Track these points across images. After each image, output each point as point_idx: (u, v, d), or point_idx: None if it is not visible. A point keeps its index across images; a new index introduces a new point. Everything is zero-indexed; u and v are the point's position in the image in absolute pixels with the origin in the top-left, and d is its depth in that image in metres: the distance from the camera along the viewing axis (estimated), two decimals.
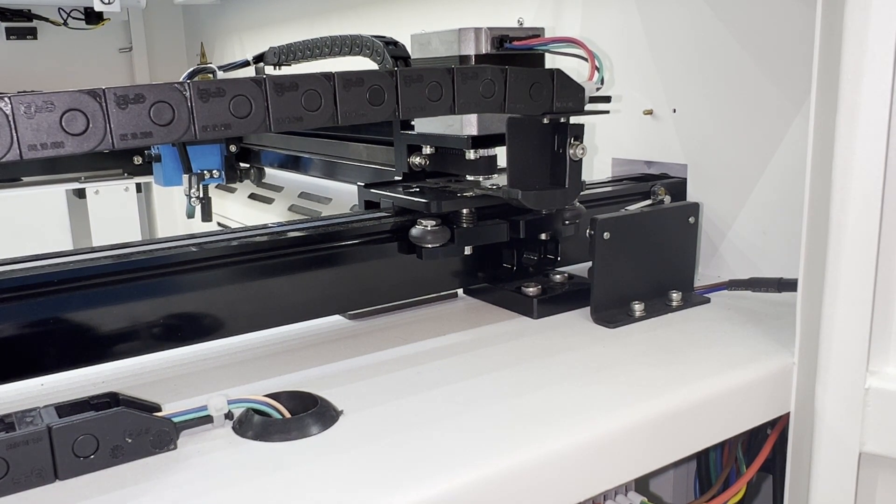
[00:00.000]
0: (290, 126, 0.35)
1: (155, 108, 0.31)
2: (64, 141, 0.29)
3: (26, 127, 0.29)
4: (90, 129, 0.30)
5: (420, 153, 0.58)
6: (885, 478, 0.43)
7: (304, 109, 0.35)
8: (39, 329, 0.41)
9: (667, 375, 0.43)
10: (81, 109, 0.30)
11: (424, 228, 0.51)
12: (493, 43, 0.50)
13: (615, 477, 0.39)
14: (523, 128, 0.49)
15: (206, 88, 0.32)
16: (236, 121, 0.33)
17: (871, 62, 0.38)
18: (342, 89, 0.36)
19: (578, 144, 0.49)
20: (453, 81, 0.40)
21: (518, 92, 0.44)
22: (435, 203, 0.51)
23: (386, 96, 0.38)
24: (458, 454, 0.35)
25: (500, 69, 0.43)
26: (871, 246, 0.40)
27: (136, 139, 0.31)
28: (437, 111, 0.40)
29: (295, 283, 0.49)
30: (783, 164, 0.57)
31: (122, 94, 0.30)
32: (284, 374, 0.44)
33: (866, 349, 0.41)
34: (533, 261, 0.59)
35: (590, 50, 0.49)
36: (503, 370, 0.44)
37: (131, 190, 1.54)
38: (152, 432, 0.35)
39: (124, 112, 0.30)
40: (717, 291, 0.56)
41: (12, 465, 0.31)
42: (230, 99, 0.33)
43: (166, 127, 0.31)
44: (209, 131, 0.32)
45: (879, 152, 0.39)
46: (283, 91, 0.34)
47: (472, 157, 0.53)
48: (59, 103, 0.29)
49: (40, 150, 0.29)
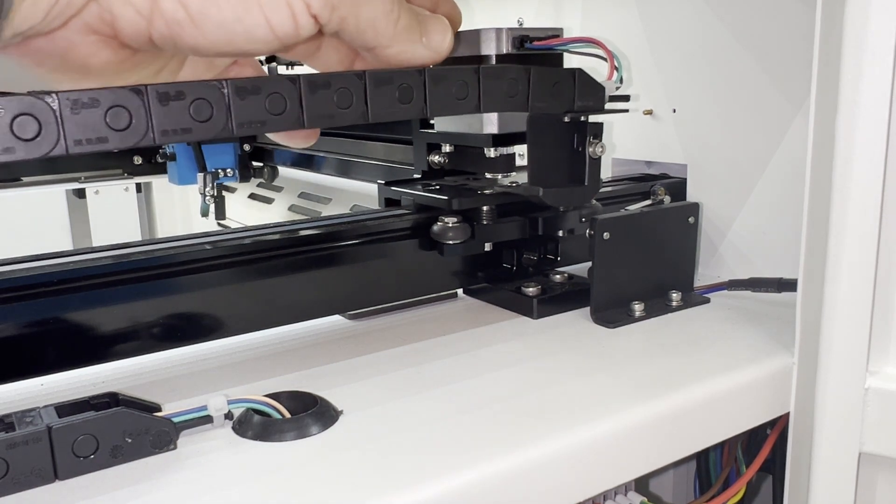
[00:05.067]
0: (322, 123, 0.36)
1: (195, 105, 0.31)
2: (108, 136, 0.30)
3: (72, 122, 0.29)
4: (133, 125, 0.30)
5: (439, 151, 0.59)
6: (885, 478, 0.43)
7: (336, 107, 0.36)
8: (39, 329, 0.41)
9: (667, 375, 0.43)
10: (125, 106, 0.30)
11: (445, 225, 0.52)
12: (513, 43, 0.51)
13: (615, 477, 0.39)
14: (544, 126, 0.50)
15: (243, 86, 0.32)
16: (271, 118, 0.33)
17: (871, 62, 0.38)
18: (373, 87, 0.37)
19: (598, 142, 0.50)
20: (479, 80, 0.41)
21: (541, 91, 0.44)
22: (456, 200, 0.52)
23: (415, 95, 0.38)
24: (458, 454, 0.35)
25: (523, 69, 0.43)
26: (871, 246, 0.40)
27: (177, 135, 0.31)
28: (464, 109, 0.41)
29: (303, 282, 0.49)
30: (783, 164, 0.57)
31: (164, 91, 0.31)
32: (284, 374, 0.44)
33: (866, 349, 0.41)
34: (533, 261, 0.59)
35: (609, 50, 0.49)
36: (503, 370, 0.44)
37: (131, 190, 1.54)
38: (152, 432, 0.35)
39: (165, 108, 0.31)
40: (717, 291, 0.56)
41: (12, 465, 0.31)
42: (266, 96, 0.33)
43: (204, 123, 0.32)
44: (245, 128, 0.33)
45: (879, 152, 0.39)
46: (317, 89, 0.35)
47: (491, 154, 0.54)
48: (103, 100, 0.29)
49: (85, 145, 0.29)
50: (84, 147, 0.30)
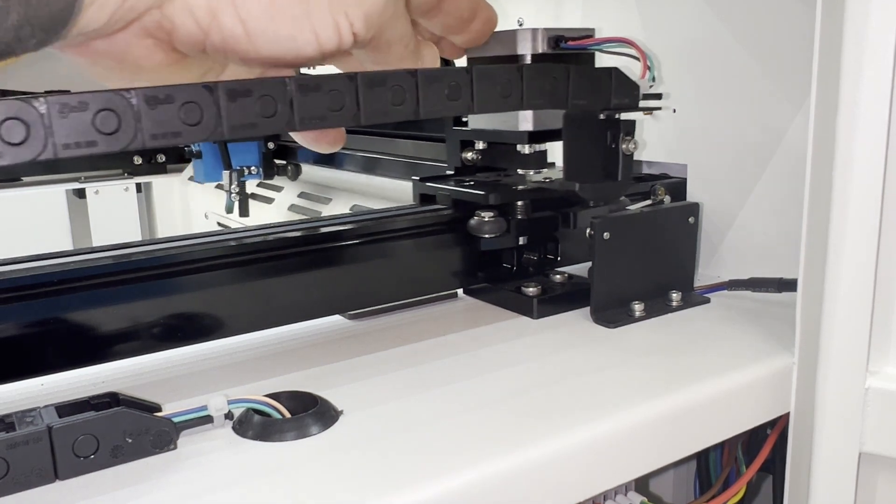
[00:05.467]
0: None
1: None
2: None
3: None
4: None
5: (473, 148, 0.60)
6: (885, 478, 0.43)
7: (392, 104, 0.37)
8: (39, 329, 0.41)
9: (667, 375, 0.43)
10: (196, 101, 0.31)
11: (482, 219, 0.53)
12: (549, 43, 0.52)
13: (615, 477, 0.39)
14: (579, 123, 0.51)
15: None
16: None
17: (871, 62, 0.38)
18: (425, 86, 0.38)
19: (630, 139, 0.51)
20: (522, 79, 0.42)
21: (580, 89, 0.46)
22: (493, 195, 0.54)
23: (462, 92, 0.39)
24: (458, 454, 0.35)
25: (564, 68, 0.45)
26: (871, 246, 0.40)
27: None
28: (509, 107, 0.42)
29: (303, 282, 0.49)
30: (783, 164, 0.57)
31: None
32: (284, 374, 0.44)
33: (866, 349, 0.41)
34: (533, 261, 0.59)
35: (642, 49, 0.50)
36: (503, 370, 0.44)
37: (131, 190, 1.54)
38: (152, 432, 0.35)
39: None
40: (717, 291, 0.56)
41: (12, 465, 0.31)
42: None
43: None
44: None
45: (879, 152, 0.39)
46: (374, 86, 0.36)
47: (526, 151, 0.55)
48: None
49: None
50: (159, 141, 0.31)
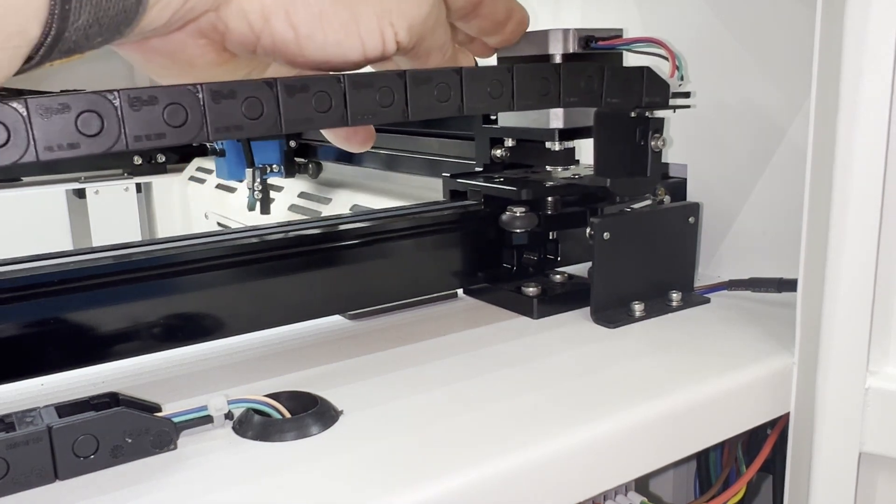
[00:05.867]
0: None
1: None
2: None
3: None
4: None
5: (502, 146, 0.61)
6: (885, 478, 0.43)
7: (438, 100, 0.39)
8: (39, 329, 0.41)
9: (667, 375, 0.43)
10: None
11: (514, 215, 0.54)
12: (579, 43, 0.53)
13: (615, 477, 0.39)
14: (609, 121, 0.52)
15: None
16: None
17: (871, 62, 0.38)
18: (469, 83, 0.39)
19: (659, 137, 0.52)
20: (560, 77, 0.43)
21: (614, 88, 0.47)
22: (525, 191, 0.54)
23: (504, 90, 0.41)
24: (458, 454, 0.35)
25: (598, 67, 0.46)
26: (871, 246, 0.40)
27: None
28: (547, 104, 0.44)
29: (304, 282, 0.49)
30: (783, 164, 0.57)
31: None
32: (284, 374, 0.44)
33: (866, 349, 0.41)
34: (533, 261, 0.59)
35: (671, 49, 0.51)
36: (503, 370, 0.44)
37: (131, 190, 1.54)
38: (152, 432, 0.35)
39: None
40: (717, 291, 0.56)
41: (12, 465, 0.31)
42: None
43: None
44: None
45: (879, 152, 0.39)
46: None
47: (556, 148, 0.56)
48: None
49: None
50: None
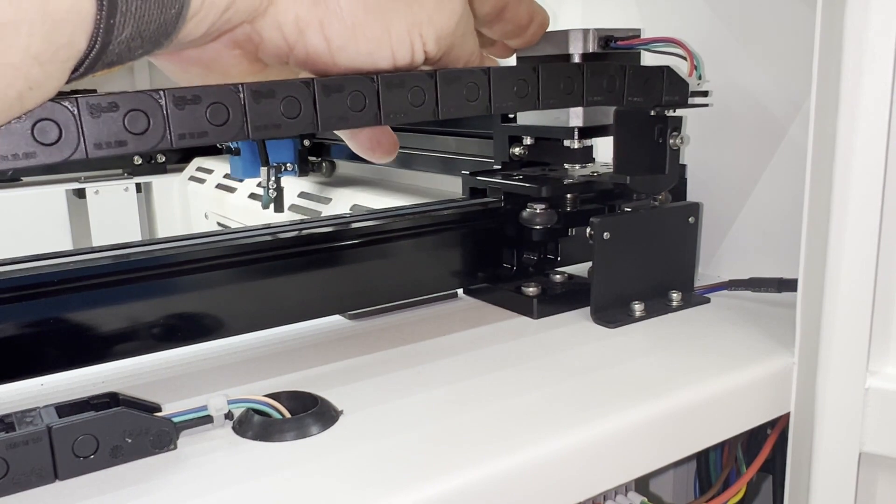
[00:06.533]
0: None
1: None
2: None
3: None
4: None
5: (520, 144, 0.61)
6: (885, 478, 0.43)
7: (466, 100, 0.40)
8: (39, 329, 0.41)
9: (667, 375, 0.43)
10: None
11: (534, 211, 0.54)
12: (599, 43, 0.53)
13: (615, 477, 0.39)
14: (629, 119, 0.53)
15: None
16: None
17: (871, 62, 0.38)
18: (497, 81, 0.40)
19: (678, 135, 0.53)
20: (583, 77, 0.44)
21: (635, 87, 0.47)
22: (545, 188, 0.55)
23: (529, 89, 0.42)
24: (458, 454, 0.35)
25: (620, 66, 0.46)
26: (871, 246, 0.40)
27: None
28: (571, 103, 0.44)
29: (303, 282, 0.49)
30: (783, 164, 0.57)
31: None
32: (284, 374, 0.44)
33: (866, 349, 0.41)
34: (533, 261, 0.59)
35: (689, 49, 0.51)
36: (503, 370, 0.44)
37: (131, 190, 1.54)
38: (152, 432, 0.35)
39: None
40: (717, 291, 0.56)
41: (12, 465, 0.31)
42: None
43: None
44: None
45: (879, 152, 0.39)
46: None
47: (575, 146, 0.56)
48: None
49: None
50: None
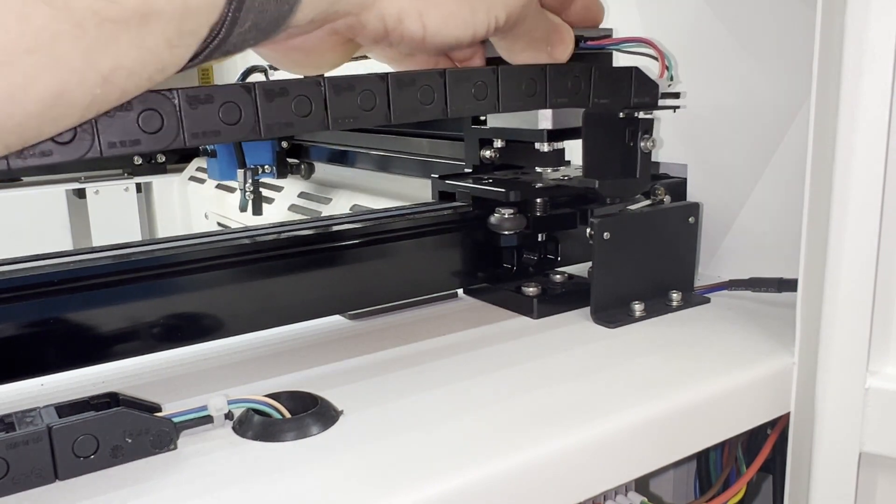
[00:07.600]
0: (408, 117, 0.38)
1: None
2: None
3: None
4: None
5: (491, 147, 0.61)
6: (885, 478, 0.43)
7: (420, 103, 0.39)
8: (39, 329, 0.41)
9: (667, 375, 0.43)
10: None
11: (502, 216, 0.54)
12: None
13: (615, 477, 0.39)
14: (598, 122, 0.52)
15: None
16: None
17: (871, 62, 0.38)
18: (454, 83, 0.40)
19: (649, 138, 0.52)
20: (546, 78, 0.43)
21: (602, 88, 0.47)
22: (513, 192, 0.54)
23: (488, 92, 0.41)
24: (459, 454, 0.35)
25: (586, 67, 0.46)
26: (871, 246, 0.40)
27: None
28: (533, 105, 0.44)
29: (304, 282, 0.49)
30: (783, 164, 0.57)
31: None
32: (284, 374, 0.44)
33: (866, 349, 0.41)
34: (533, 261, 0.59)
35: (660, 49, 0.51)
36: (503, 370, 0.44)
37: (131, 190, 1.54)
38: (152, 432, 0.35)
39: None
40: (717, 291, 0.56)
41: (12, 465, 0.31)
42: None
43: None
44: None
45: (879, 152, 0.39)
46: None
47: (545, 149, 0.56)
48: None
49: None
50: (199, 140, 0.32)
